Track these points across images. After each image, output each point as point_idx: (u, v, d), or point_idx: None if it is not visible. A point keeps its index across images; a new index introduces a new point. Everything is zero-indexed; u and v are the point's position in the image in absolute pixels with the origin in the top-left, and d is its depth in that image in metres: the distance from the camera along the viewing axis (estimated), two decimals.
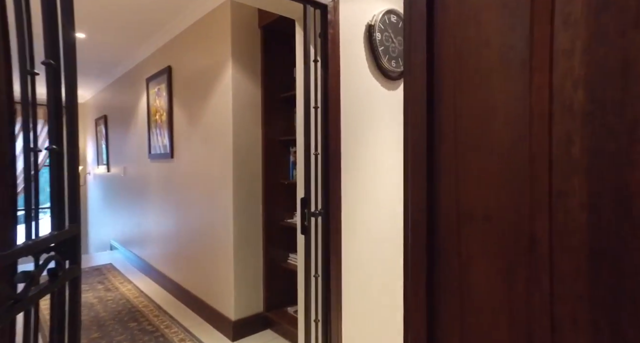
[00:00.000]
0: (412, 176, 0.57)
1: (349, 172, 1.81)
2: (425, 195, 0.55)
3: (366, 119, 1.89)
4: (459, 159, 0.46)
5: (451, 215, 0.47)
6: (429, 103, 0.53)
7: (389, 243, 2.05)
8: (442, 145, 0.50)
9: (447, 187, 0.49)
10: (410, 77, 0.56)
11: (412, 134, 0.57)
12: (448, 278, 0.48)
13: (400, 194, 2.09)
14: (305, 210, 1.65)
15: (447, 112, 0.47)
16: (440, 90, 0.49)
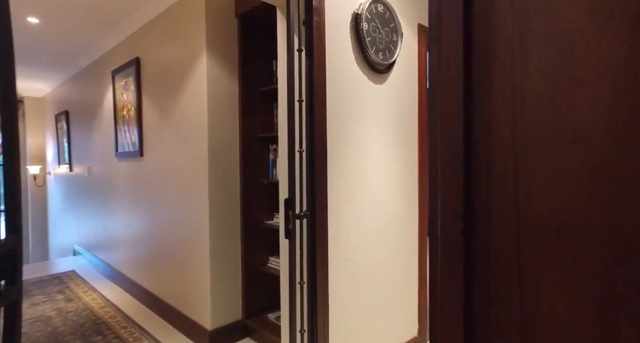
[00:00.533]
0: (442, 172, 0.46)
1: (335, 170, 1.69)
2: (462, 195, 0.44)
3: (353, 113, 1.78)
4: (519, 152, 0.35)
5: (506, 225, 0.36)
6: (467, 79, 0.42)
7: (379, 247, 1.95)
8: (492, 133, 0.39)
9: (499, 188, 0.38)
10: (438, 45, 0.45)
11: (443, 119, 0.45)
12: (502, 314, 0.37)
13: (391, 193, 2.00)
14: (290, 212, 1.52)
15: (501, 90, 0.37)
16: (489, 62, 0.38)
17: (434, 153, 0.49)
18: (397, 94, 2.04)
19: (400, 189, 2.08)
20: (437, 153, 0.48)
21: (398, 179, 2.06)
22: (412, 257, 2.18)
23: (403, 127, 2.09)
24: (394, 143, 2.03)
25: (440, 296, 0.46)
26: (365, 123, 1.85)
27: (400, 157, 2.07)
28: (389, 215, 2.01)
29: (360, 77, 1.81)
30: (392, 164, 2.02)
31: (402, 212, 2.09)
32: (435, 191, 0.50)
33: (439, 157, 0.48)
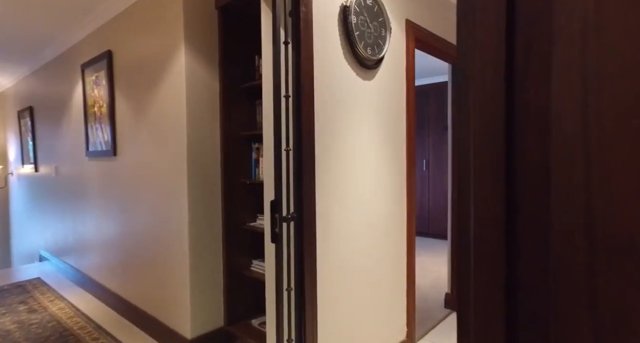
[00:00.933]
0: (476, 176, 0.39)
1: (324, 170, 1.61)
2: (503, 206, 0.37)
3: (341, 110, 1.71)
4: (592, 152, 0.28)
5: (574, 244, 0.29)
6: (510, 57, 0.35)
7: (368, 249, 1.88)
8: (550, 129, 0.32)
9: (561, 198, 0.31)
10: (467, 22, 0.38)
11: (478, 113, 0.38)
12: None
13: (379, 193, 1.94)
14: (276, 215, 1.43)
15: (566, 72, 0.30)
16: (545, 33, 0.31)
17: (463, 152, 0.42)
18: (385, 91, 1.98)
19: (389, 189, 2.02)
20: (467, 152, 0.41)
21: (386, 179, 2.01)
22: (401, 258, 2.13)
23: (391, 125, 2.04)
24: (383, 141, 1.97)
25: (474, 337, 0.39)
26: (354, 120, 1.78)
27: (388, 155, 2.02)
28: (378, 216, 1.95)
29: (349, 72, 1.74)
30: (380, 162, 1.96)
31: (390, 212, 2.04)
32: (465, 198, 0.42)
33: (472, 157, 0.40)
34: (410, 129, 2.16)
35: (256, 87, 2.36)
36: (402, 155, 2.12)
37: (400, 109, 2.10)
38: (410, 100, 2.15)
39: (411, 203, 2.18)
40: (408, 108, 2.15)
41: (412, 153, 2.18)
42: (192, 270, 2.22)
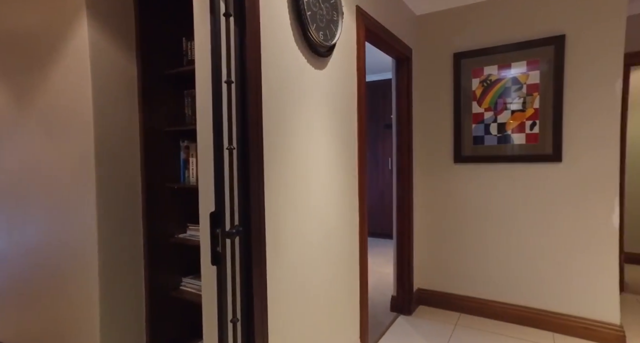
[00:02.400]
0: None
1: (273, 172, 1.35)
2: None
3: (292, 102, 1.46)
4: None
5: None
6: None
7: (323, 262, 1.67)
8: None
9: None
10: None
11: None
12: None
13: (333, 198, 1.73)
14: (218, 230, 1.13)
15: None
16: None
17: None
18: (337, 83, 1.78)
19: (343, 191, 1.83)
20: None
21: (340, 180, 1.81)
22: (354, 267, 1.96)
23: (344, 121, 1.84)
24: (335, 139, 1.77)
25: None
26: (306, 114, 1.54)
27: (341, 154, 1.82)
28: (332, 223, 1.75)
29: (300, 58, 1.50)
30: (334, 162, 1.76)
31: (344, 216, 1.85)
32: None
33: None
34: (361, 125, 2.00)
35: (185, 75, 2.00)
36: (354, 154, 1.95)
37: (352, 104, 1.93)
38: (361, 95, 1.99)
39: (363, 205, 2.02)
40: (359, 103, 1.98)
41: (363, 152, 2.02)
42: (102, 294, 1.79)
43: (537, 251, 2.43)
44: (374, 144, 5.07)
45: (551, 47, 2.31)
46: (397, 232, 2.77)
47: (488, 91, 2.53)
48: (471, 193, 2.64)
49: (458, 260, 2.72)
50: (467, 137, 2.62)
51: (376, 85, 5.02)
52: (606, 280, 2.23)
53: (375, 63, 4.68)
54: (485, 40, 2.55)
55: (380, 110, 5.02)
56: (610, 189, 2.19)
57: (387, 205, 5.03)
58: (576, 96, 2.26)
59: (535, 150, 2.38)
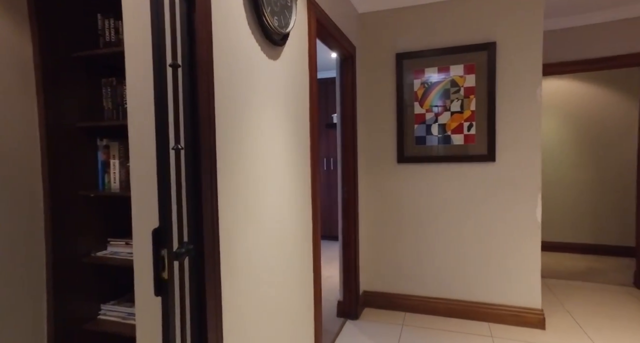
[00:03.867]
0: None
1: (227, 176, 1.15)
2: None
3: (247, 94, 1.26)
4: None
5: None
6: None
7: (283, 278, 1.49)
8: None
9: None
10: None
11: None
12: None
13: (290, 202, 1.57)
14: (163, 252, 0.90)
15: None
16: None
17: None
18: (290, 76, 1.62)
19: (297, 195, 1.68)
20: None
21: (295, 183, 1.65)
22: (310, 279, 1.82)
23: (298, 117, 1.69)
24: (290, 138, 1.61)
25: None
26: (261, 110, 1.35)
27: (295, 155, 1.67)
28: (289, 230, 1.58)
29: (254, 45, 1.31)
30: (288, 164, 1.59)
31: (299, 222, 1.69)
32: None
33: None
34: (314, 123, 1.86)
35: (101, 59, 1.65)
36: (307, 154, 1.81)
37: (304, 100, 1.78)
38: (313, 91, 1.85)
39: (316, 209, 1.89)
40: (311, 99, 1.84)
41: (316, 151, 1.89)
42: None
43: (472, 247, 2.56)
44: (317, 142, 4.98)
45: (484, 53, 2.44)
46: (342, 235, 2.69)
47: (429, 92, 2.59)
48: (414, 193, 2.69)
49: (401, 260, 2.75)
50: (410, 137, 2.65)
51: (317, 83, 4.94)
52: (530, 270, 2.43)
53: None
54: (426, 42, 2.60)
55: (321, 109, 4.95)
56: (534, 186, 2.39)
57: (325, 206, 4.98)
58: (506, 100, 2.43)
59: (473, 150, 2.50)
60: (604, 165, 4.22)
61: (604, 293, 3.04)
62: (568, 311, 2.68)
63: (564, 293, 3.04)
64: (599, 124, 4.22)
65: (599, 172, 4.24)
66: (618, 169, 4.17)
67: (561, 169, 4.38)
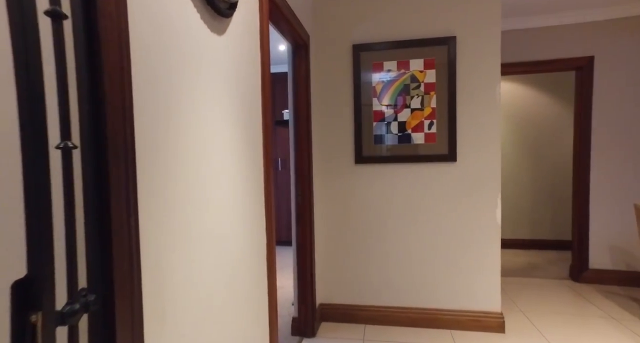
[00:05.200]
0: None
1: (158, 185, 0.81)
2: None
3: (181, 74, 0.93)
4: None
5: None
6: None
7: (232, 313, 1.17)
8: None
9: None
10: None
11: None
12: None
13: (239, 214, 1.25)
14: (35, 316, 0.55)
15: None
16: None
17: None
18: (239, 57, 1.30)
19: (250, 202, 1.37)
20: None
21: (247, 188, 1.34)
22: (264, 303, 1.52)
23: (249, 110, 1.38)
24: (240, 133, 1.30)
25: None
26: (201, 95, 1.03)
27: (247, 154, 1.36)
28: (237, 248, 1.27)
29: (191, 10, 0.98)
30: (238, 165, 1.28)
31: (253, 236, 1.38)
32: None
33: None
34: (267, 117, 1.56)
35: None
36: (259, 153, 1.50)
37: (255, 89, 1.47)
38: (266, 78, 1.55)
39: (270, 218, 1.59)
40: (264, 88, 1.54)
41: (270, 150, 1.59)
42: None
43: (432, 251, 2.44)
44: None
45: (445, 47, 2.32)
46: (297, 243, 2.42)
47: (388, 87, 2.41)
48: (373, 195, 2.50)
49: (360, 268, 2.55)
50: (368, 135, 2.46)
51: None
52: (490, 273, 2.37)
53: None
54: (384, 34, 2.42)
55: None
56: (494, 187, 2.33)
57: (275, 209, 4.65)
58: (466, 97, 2.34)
59: (433, 150, 2.37)
60: (540, 164, 4.45)
61: (548, 289, 3.14)
62: (522, 311, 2.68)
63: (513, 291, 3.08)
64: (536, 125, 4.44)
65: (536, 170, 4.46)
66: (553, 168, 4.43)
67: (502, 168, 4.54)
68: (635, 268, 3.20)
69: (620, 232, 3.19)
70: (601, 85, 3.15)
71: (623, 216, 3.17)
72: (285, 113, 4.37)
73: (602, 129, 3.17)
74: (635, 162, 3.12)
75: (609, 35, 3.11)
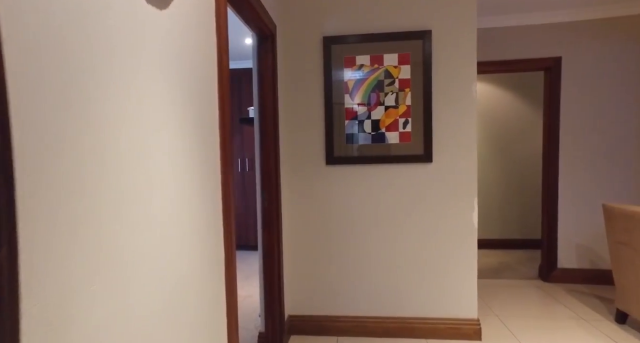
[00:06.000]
0: None
1: (58, 204, 0.59)
2: None
3: (103, 56, 0.72)
4: None
5: None
6: None
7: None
8: None
9: None
10: None
11: None
12: None
13: (186, 232, 1.05)
14: None
15: None
16: None
17: None
18: (187, 39, 1.09)
19: (204, 212, 1.16)
20: None
21: (199, 197, 1.13)
22: (222, 329, 1.31)
23: (202, 105, 1.17)
24: (190, 131, 1.08)
25: None
26: (134, 85, 0.81)
27: (198, 156, 1.15)
28: (189, 266, 1.06)
29: None
30: (185, 169, 1.07)
31: (207, 249, 1.18)
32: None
33: None
34: (225, 113, 1.36)
35: None
36: (215, 155, 1.30)
37: (210, 79, 1.27)
38: (224, 68, 1.35)
39: (230, 229, 1.39)
40: (222, 80, 1.33)
41: (228, 151, 1.39)
42: None
43: (407, 257, 2.32)
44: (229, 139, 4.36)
45: (420, 42, 2.21)
46: (263, 252, 2.22)
47: (361, 83, 2.26)
48: (345, 198, 2.34)
49: (331, 276, 2.38)
50: (340, 135, 2.30)
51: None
52: (467, 278, 2.28)
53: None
54: (357, 26, 2.27)
55: (235, 102, 4.35)
56: (471, 188, 2.24)
57: (240, 213, 4.41)
58: (442, 95, 2.23)
59: (408, 150, 2.25)
60: (508, 164, 4.49)
61: (520, 290, 3.13)
62: (497, 315, 2.63)
63: (487, 294, 3.04)
64: (503, 124, 4.47)
65: (504, 170, 4.50)
66: (521, 167, 4.48)
67: None
68: (598, 266, 3.25)
69: (586, 230, 3.23)
70: (568, 86, 3.17)
71: (589, 215, 3.21)
72: (251, 110, 4.14)
73: (569, 129, 3.19)
74: (600, 162, 3.17)
75: (575, 36, 3.14)
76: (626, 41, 3.08)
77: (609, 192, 3.17)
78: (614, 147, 3.14)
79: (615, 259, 2.47)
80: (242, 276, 3.58)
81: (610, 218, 2.46)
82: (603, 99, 3.13)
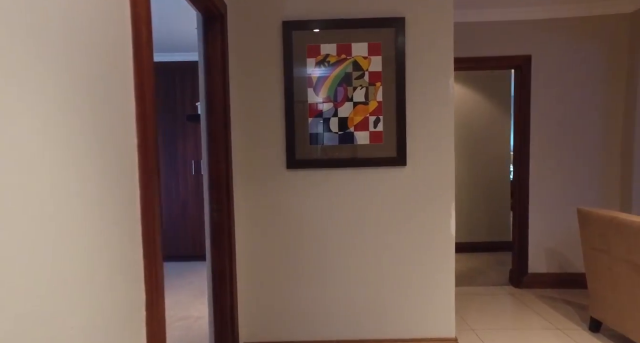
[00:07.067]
0: None
1: None
2: None
3: None
4: None
5: None
6: None
7: None
8: None
9: None
10: None
11: None
12: None
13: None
14: None
15: None
16: None
17: None
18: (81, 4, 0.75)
19: (111, 236, 0.81)
20: None
21: (102, 214, 0.78)
22: None
23: (107, 91, 0.83)
24: (79, 129, 0.74)
25: None
26: None
27: (103, 157, 0.80)
28: (88, 317, 0.71)
29: None
30: (75, 177, 0.72)
31: (118, 290, 0.83)
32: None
33: None
34: (146, 105, 1.01)
35: None
36: (131, 159, 0.95)
37: (120, 62, 0.92)
38: (143, 40, 1.00)
39: (155, 258, 1.04)
40: (140, 57, 0.99)
41: (151, 154, 1.04)
42: None
43: (379, 272, 2.06)
44: (170, 142, 3.92)
45: (392, 30, 1.96)
46: (213, 271, 1.87)
47: (326, 76, 1.98)
48: (308, 208, 2.04)
49: (293, 297, 2.08)
50: (303, 134, 2.00)
51: (170, 67, 3.88)
52: (443, 293, 2.06)
53: (166, 38, 3.54)
54: (322, 10, 1.99)
55: (177, 99, 3.92)
56: (448, 194, 2.03)
57: (189, 221, 3.99)
58: (416, 90, 2.00)
59: (380, 152, 1.99)
60: (475, 165, 4.40)
61: (493, 299, 2.99)
62: (473, 330, 2.44)
63: (460, 304, 2.86)
64: (471, 124, 4.38)
65: (471, 171, 4.41)
66: (488, 169, 4.40)
67: None
68: (566, 270, 3.19)
69: (555, 234, 3.15)
70: (538, 87, 3.08)
71: (559, 219, 3.14)
72: (199, 106, 3.75)
73: (539, 130, 3.10)
74: (570, 164, 3.10)
75: (545, 35, 3.05)
76: (593, 40, 3.03)
77: (578, 194, 3.11)
78: (583, 148, 3.09)
79: (590, 266, 2.36)
80: (194, 293, 3.19)
81: (586, 223, 2.35)
82: (572, 99, 3.07)
